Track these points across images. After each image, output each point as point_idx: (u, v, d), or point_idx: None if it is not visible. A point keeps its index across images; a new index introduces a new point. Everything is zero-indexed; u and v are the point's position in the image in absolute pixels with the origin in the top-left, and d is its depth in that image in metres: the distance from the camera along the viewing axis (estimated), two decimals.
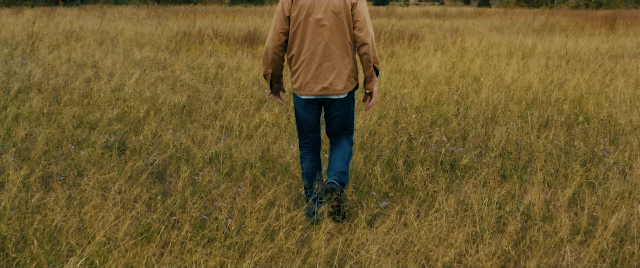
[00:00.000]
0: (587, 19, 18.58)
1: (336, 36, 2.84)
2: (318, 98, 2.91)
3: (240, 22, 16.12)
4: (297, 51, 2.88)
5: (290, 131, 4.59)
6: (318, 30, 2.83)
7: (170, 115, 5.06)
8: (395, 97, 5.62)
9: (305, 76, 2.87)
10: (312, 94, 2.88)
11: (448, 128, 4.63)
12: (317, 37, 2.84)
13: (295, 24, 2.86)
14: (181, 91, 5.92)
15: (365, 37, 2.84)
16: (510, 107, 5.25)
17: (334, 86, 2.86)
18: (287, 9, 2.85)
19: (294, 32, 2.87)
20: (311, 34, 2.84)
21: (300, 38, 2.86)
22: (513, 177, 3.68)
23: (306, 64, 2.86)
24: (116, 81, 6.07)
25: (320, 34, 2.83)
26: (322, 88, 2.85)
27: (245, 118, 5.00)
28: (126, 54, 8.44)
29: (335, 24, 2.83)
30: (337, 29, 2.84)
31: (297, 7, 2.84)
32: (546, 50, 9.68)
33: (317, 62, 2.84)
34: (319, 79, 2.85)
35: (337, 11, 2.83)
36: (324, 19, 2.82)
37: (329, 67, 2.85)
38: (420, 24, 16.77)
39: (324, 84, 2.85)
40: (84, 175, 3.56)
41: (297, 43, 2.87)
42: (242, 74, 6.88)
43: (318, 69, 2.85)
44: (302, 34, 2.85)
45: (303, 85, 2.88)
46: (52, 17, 17.24)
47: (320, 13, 2.82)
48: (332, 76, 2.85)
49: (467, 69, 7.03)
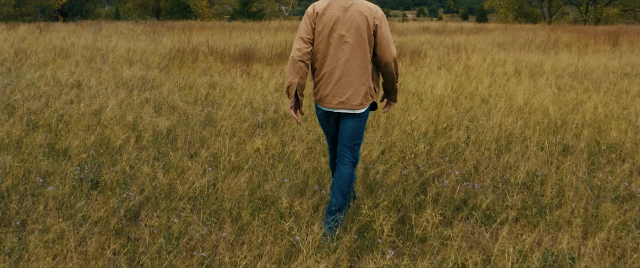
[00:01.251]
0: (588, 35, 18.29)
1: (357, 53, 2.92)
2: (335, 111, 2.99)
3: (237, 38, 15.78)
4: (320, 64, 2.98)
5: (285, 162, 4.15)
6: (341, 46, 2.92)
7: (154, 141, 4.61)
8: (399, 122, 5.18)
9: (325, 89, 2.97)
10: (330, 107, 2.98)
11: (460, 159, 4.18)
12: (338, 53, 2.93)
13: (319, 38, 2.95)
14: (168, 114, 5.48)
15: (388, 57, 2.95)
16: (525, 133, 4.82)
17: (351, 101, 2.94)
18: (313, 20, 2.95)
19: (317, 45, 2.97)
20: (333, 49, 2.93)
21: (323, 52, 2.96)
22: (536, 218, 3.23)
23: (326, 78, 2.96)
24: (98, 103, 5.63)
25: (343, 50, 2.92)
26: (339, 102, 2.95)
27: (236, 145, 4.56)
28: (114, 73, 8.03)
29: (357, 41, 2.92)
30: (358, 47, 2.92)
31: (322, 21, 2.94)
32: (553, 68, 9.29)
33: (336, 77, 2.94)
34: (337, 94, 2.94)
35: (360, 29, 2.92)
36: (347, 36, 2.91)
37: (348, 83, 2.93)
38: (421, 40, 16.44)
39: (342, 99, 2.94)
40: (46, 219, 3.09)
41: (319, 56, 2.97)
42: (235, 95, 6.46)
43: (337, 84, 2.94)
44: (325, 49, 2.95)
45: (322, 97, 2.99)
46: (46, 32, 16.91)
47: (344, 30, 2.91)
48: (349, 91, 2.93)
49: (474, 90, 6.61)
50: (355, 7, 2.92)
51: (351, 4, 2.93)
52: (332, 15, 2.92)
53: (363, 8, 2.93)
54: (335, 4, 2.94)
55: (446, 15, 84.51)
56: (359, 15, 2.91)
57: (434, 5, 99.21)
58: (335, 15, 2.91)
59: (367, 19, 2.91)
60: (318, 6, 2.96)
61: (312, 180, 3.72)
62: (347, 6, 2.93)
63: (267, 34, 17.41)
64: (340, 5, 2.93)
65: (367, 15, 2.91)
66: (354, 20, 2.90)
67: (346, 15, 2.91)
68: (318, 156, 4.22)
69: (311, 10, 2.97)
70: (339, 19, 2.91)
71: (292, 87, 2.95)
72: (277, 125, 5.21)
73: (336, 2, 2.94)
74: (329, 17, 2.91)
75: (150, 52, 11.28)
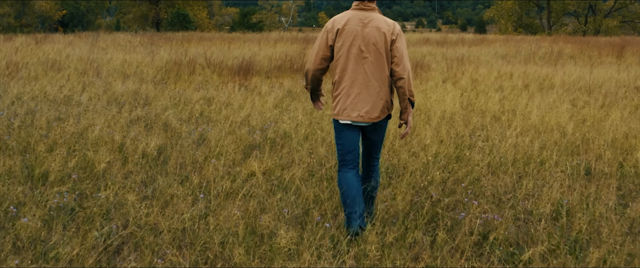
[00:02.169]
0: (591, 47, 18.05)
1: (376, 68, 3.01)
2: (355, 124, 3.07)
3: (236, 49, 15.50)
4: (339, 78, 3.06)
5: (284, 188, 3.79)
6: (360, 61, 3.01)
7: (143, 164, 4.26)
8: (407, 141, 4.84)
9: (344, 103, 3.05)
10: (350, 120, 3.05)
11: (476, 185, 3.83)
12: (358, 68, 3.01)
13: (339, 53, 3.04)
14: (159, 134, 5.14)
15: (402, 72, 3.00)
16: (543, 154, 4.47)
17: (369, 114, 3.03)
18: (332, 39, 3.04)
19: (337, 60, 3.06)
20: (353, 64, 3.01)
21: (342, 67, 3.04)
22: (566, 257, 2.87)
23: (346, 92, 3.04)
24: (86, 121, 5.29)
25: (361, 66, 3.00)
26: (358, 115, 3.03)
27: (230, 169, 4.20)
28: (107, 87, 7.70)
29: (375, 57, 3.00)
30: (377, 62, 3.01)
31: (341, 37, 3.02)
32: (563, 81, 8.98)
33: (356, 91, 3.02)
34: (356, 107, 3.02)
35: (378, 45, 3.00)
36: (366, 51, 2.99)
37: (366, 97, 3.01)
38: (423, 52, 16.17)
39: (361, 112, 3.02)
40: (15, 259, 2.73)
41: (339, 71, 3.05)
42: (231, 111, 6.12)
43: (356, 98, 3.02)
44: (345, 64, 3.03)
45: (341, 111, 3.06)
46: (42, 44, 16.64)
47: (363, 45, 3.00)
48: (368, 105, 3.02)
49: (484, 105, 6.28)
50: (373, 23, 3.01)
51: (370, 19, 3.01)
52: (352, 30, 3.00)
53: (381, 24, 3.01)
54: (355, 19, 3.02)
55: (445, 27, 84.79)
56: (377, 31, 2.99)
57: (433, 16, 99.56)
58: (354, 30, 3.00)
59: (385, 34, 2.99)
60: (338, 21, 3.04)
61: (314, 211, 3.37)
62: (366, 21, 3.01)
63: (267, 46, 17.15)
64: (359, 20, 3.02)
65: (386, 31, 2.99)
66: (372, 36, 2.99)
67: (365, 31, 3.00)
68: (320, 182, 3.87)
69: (330, 26, 3.05)
70: (358, 35, 3.00)
71: (308, 91, 3.24)
72: (275, 145, 4.87)
73: (355, 17, 3.02)
74: (348, 32, 3.01)
75: (146, 65, 10.97)
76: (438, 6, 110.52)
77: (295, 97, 7.28)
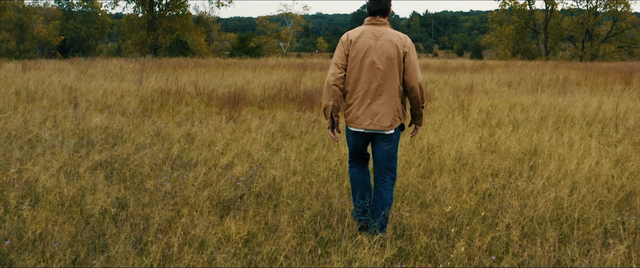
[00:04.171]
0: (594, 73, 17.48)
1: (388, 78, 3.15)
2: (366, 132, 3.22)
3: (229, 76, 14.84)
4: (352, 88, 3.20)
5: (267, 259, 2.99)
6: (372, 72, 3.15)
7: (97, 224, 3.47)
8: (419, 188, 4.06)
9: (357, 111, 3.19)
10: (362, 128, 3.20)
11: (506, 257, 3.03)
12: (371, 78, 3.15)
13: (352, 63, 3.18)
14: (124, 183, 4.35)
15: (415, 82, 3.17)
16: (587, 212, 3.68)
17: (381, 122, 3.16)
18: (347, 48, 3.19)
19: (350, 71, 3.19)
20: (366, 75, 3.15)
21: (355, 77, 3.18)
22: None
23: (359, 101, 3.18)
24: (38, 168, 4.50)
25: (374, 76, 3.15)
26: (370, 123, 3.17)
27: (203, 232, 3.40)
28: (80, 122, 6.95)
29: (388, 67, 3.15)
30: (389, 72, 3.15)
31: (355, 49, 3.17)
32: (582, 113, 8.26)
33: (368, 101, 3.15)
34: (368, 115, 3.16)
35: (391, 57, 3.14)
36: (379, 62, 3.14)
37: (379, 106, 3.15)
38: (425, 79, 15.53)
39: (373, 121, 3.16)
40: None
41: (352, 81, 3.19)
42: (214, 152, 5.35)
43: (369, 107, 3.16)
44: (358, 74, 3.17)
45: (354, 119, 3.20)
46: (31, 70, 15.99)
47: (375, 57, 3.14)
48: (380, 113, 3.15)
49: (502, 143, 5.50)
50: (386, 36, 3.17)
51: (382, 33, 3.17)
52: (365, 43, 3.16)
53: (394, 37, 3.17)
54: (368, 33, 3.18)
55: (441, 51, 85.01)
56: (390, 44, 3.15)
57: (429, 41, 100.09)
58: (367, 43, 3.16)
59: (397, 47, 3.15)
60: (352, 34, 3.20)
61: None
62: (379, 35, 3.17)
63: (263, 73, 16.50)
64: (372, 34, 3.17)
65: (398, 44, 3.16)
66: (385, 49, 3.15)
67: (378, 44, 3.15)
68: (312, 256, 3.07)
69: (345, 38, 3.22)
70: (371, 47, 3.15)
71: (328, 109, 3.23)
72: (261, 196, 4.09)
73: (368, 31, 3.18)
74: (362, 45, 3.16)
75: (132, 94, 10.27)
76: (434, 31, 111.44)
77: (289, 133, 6.53)
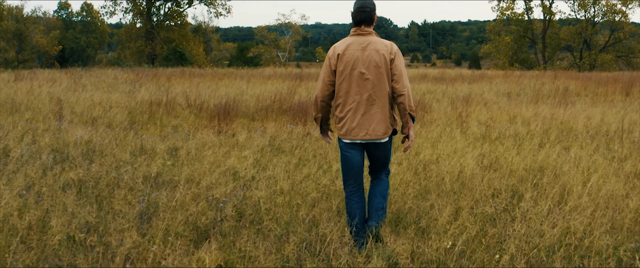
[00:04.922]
0: (594, 83, 17.24)
1: (378, 87, 3.19)
2: (362, 142, 3.25)
3: (224, 87, 14.54)
4: (343, 101, 3.24)
5: None
6: (362, 82, 3.19)
7: (60, 251, 3.13)
8: (418, 217, 3.73)
9: (351, 123, 3.22)
10: (358, 139, 3.23)
11: None
12: (361, 89, 3.19)
13: (341, 76, 3.22)
14: (97, 203, 4.02)
15: (402, 89, 3.19)
16: (598, 238, 3.35)
17: (376, 131, 3.21)
18: (334, 64, 3.23)
19: (340, 84, 3.23)
20: (356, 86, 3.19)
21: (346, 89, 3.22)
22: None
23: (352, 113, 3.21)
24: (3, 187, 4.16)
25: (364, 86, 3.19)
26: (366, 133, 3.21)
27: (179, 260, 3.07)
28: (62, 135, 6.63)
29: (376, 76, 3.18)
30: (378, 81, 3.19)
31: (342, 62, 3.21)
32: (585, 126, 7.96)
33: (361, 111, 3.20)
34: (363, 126, 3.20)
35: (378, 66, 3.18)
36: (367, 72, 3.18)
37: (372, 116, 3.20)
38: (423, 89, 15.26)
39: (368, 131, 3.20)
40: None
41: (343, 94, 3.23)
42: (198, 169, 5.03)
43: (363, 117, 3.20)
44: (348, 86, 3.21)
45: (349, 131, 3.23)
46: (23, 80, 15.69)
47: (363, 67, 3.18)
48: (374, 122, 3.20)
49: (508, 163, 5.18)
50: (372, 46, 3.18)
51: (369, 42, 3.19)
52: (352, 55, 3.18)
53: (379, 46, 3.19)
54: (355, 44, 3.20)
55: (439, 61, 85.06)
56: (376, 53, 3.17)
57: (428, 51, 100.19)
58: (354, 55, 3.18)
59: (384, 55, 3.17)
60: (338, 48, 3.23)
61: None
62: (365, 45, 3.18)
63: (258, 83, 16.22)
64: (358, 44, 3.19)
65: (384, 52, 3.17)
66: (372, 59, 3.16)
67: (365, 54, 3.17)
68: None
69: (332, 53, 3.24)
70: (358, 58, 3.17)
71: (318, 119, 3.39)
72: (243, 220, 3.76)
73: (355, 43, 3.20)
74: (349, 57, 3.18)
75: (121, 105, 9.96)
76: (432, 41, 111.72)
77: (278, 148, 6.21)
